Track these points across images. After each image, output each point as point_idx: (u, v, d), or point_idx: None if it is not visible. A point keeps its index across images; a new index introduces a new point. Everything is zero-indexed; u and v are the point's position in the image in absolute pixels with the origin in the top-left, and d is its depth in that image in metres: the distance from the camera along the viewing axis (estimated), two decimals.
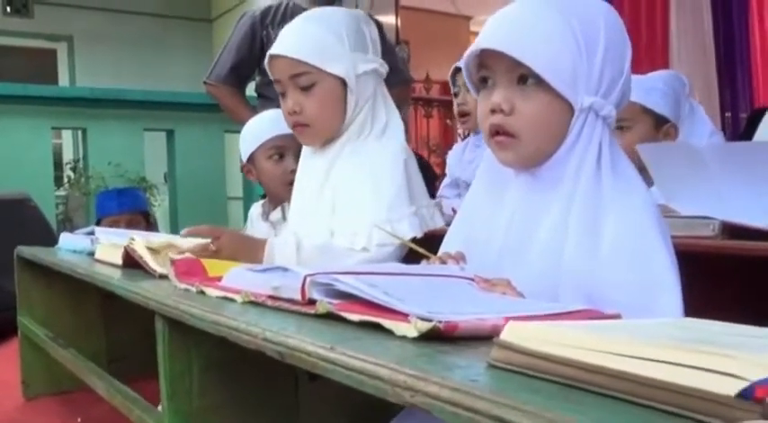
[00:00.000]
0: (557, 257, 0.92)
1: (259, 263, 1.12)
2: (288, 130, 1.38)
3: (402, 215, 1.19)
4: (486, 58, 0.93)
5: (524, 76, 0.90)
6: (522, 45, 0.88)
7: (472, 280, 0.89)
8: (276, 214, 1.59)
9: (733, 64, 5.25)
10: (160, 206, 4.32)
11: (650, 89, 1.72)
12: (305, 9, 2.67)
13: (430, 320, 0.60)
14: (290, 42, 1.32)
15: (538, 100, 0.90)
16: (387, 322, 0.63)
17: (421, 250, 0.96)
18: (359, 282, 0.72)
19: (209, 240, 1.12)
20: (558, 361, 0.45)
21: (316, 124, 1.30)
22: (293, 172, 1.43)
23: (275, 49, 1.33)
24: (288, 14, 2.69)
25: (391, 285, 0.74)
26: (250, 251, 1.15)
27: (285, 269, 0.81)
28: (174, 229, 3.93)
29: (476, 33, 9.13)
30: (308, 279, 0.76)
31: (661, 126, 1.73)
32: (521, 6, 0.92)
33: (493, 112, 0.93)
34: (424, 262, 0.99)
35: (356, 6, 4.57)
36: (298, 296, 0.76)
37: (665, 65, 4.86)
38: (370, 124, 1.29)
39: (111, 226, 2.53)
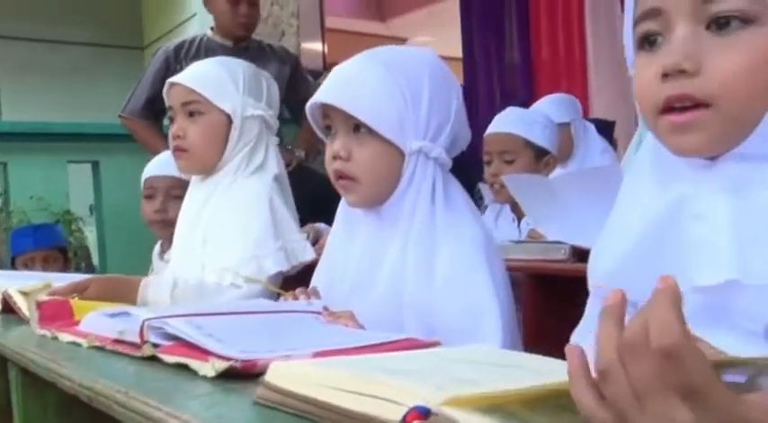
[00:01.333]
0: (399, 290, 1.00)
1: (133, 304, 1.18)
2: (162, 172, 1.46)
3: (268, 251, 1.27)
4: (328, 109, 1.02)
5: (358, 126, 0.99)
6: (352, 99, 0.97)
7: (319, 313, 0.96)
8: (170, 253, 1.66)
9: None
10: (87, 238, 4.28)
11: (532, 123, 1.84)
12: (218, 44, 2.77)
13: (230, 359, 0.67)
14: (189, 74, 1.42)
15: (371, 146, 0.99)
16: (193, 362, 0.69)
17: (274, 288, 1.03)
18: (187, 325, 0.78)
19: (81, 279, 1.18)
20: (298, 398, 0.52)
21: (194, 151, 1.38)
22: (157, 212, 1.54)
23: (175, 77, 1.42)
24: (201, 49, 2.75)
25: (220, 326, 0.81)
26: (124, 293, 1.20)
27: (128, 314, 0.87)
28: (103, 262, 3.91)
29: None
30: (146, 323, 0.81)
31: (542, 158, 1.84)
32: (353, 63, 1.02)
33: (334, 158, 1.01)
34: (282, 298, 1.06)
35: (282, 34, 4.66)
36: (138, 339, 0.82)
37: (584, 83, 5.08)
38: (245, 164, 1.36)
39: (26, 263, 2.53)
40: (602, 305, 0.45)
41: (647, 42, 0.67)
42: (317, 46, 4.58)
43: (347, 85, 0.99)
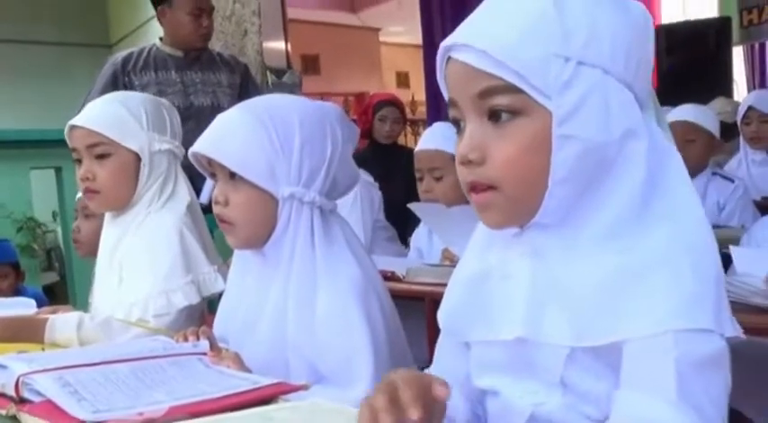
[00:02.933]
0: (282, 331, 1.05)
1: (40, 343, 1.22)
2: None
3: (177, 285, 1.31)
4: (205, 158, 1.07)
5: (233, 173, 1.04)
6: (222, 148, 1.03)
7: (204, 354, 1.01)
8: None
9: None
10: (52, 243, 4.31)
11: (451, 136, 1.88)
12: (168, 54, 2.79)
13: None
14: (90, 115, 1.43)
15: (245, 193, 1.04)
16: None
17: (162, 330, 1.09)
18: (54, 381, 0.83)
19: None
20: None
21: (105, 192, 1.41)
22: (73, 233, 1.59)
23: (75, 120, 1.43)
24: (150, 60, 2.77)
25: (91, 379, 0.86)
26: (29, 333, 1.24)
27: (5, 367, 0.91)
28: (69, 268, 3.94)
29: (385, 44, 9.22)
30: (21, 378, 0.86)
31: None
32: (228, 114, 1.07)
33: (215, 203, 1.07)
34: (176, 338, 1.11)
35: (245, 33, 4.66)
36: (15, 394, 0.87)
37: None
38: (157, 198, 1.40)
39: None
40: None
41: (456, 126, 0.74)
42: (279, 44, 4.60)
43: (219, 136, 1.04)
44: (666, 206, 0.67)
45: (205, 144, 1.04)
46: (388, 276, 1.55)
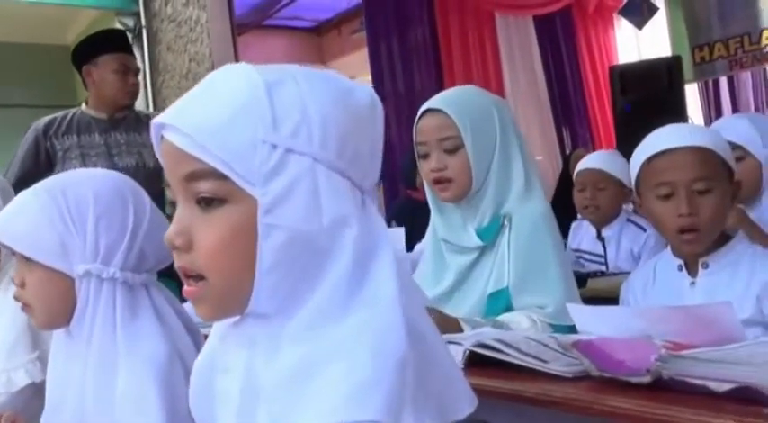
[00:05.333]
0: (82, 412, 1.02)
1: None
2: None
3: (19, 363, 1.29)
4: None
5: (26, 257, 1.02)
6: (9, 230, 1.01)
7: None
8: None
9: (569, 109, 5.56)
10: None
11: None
12: (93, 117, 2.80)
13: None
14: None
15: (37, 273, 1.02)
16: None
17: None
18: None
19: None
20: None
21: None
22: None
23: None
24: (74, 124, 2.78)
25: None
26: None
27: None
28: None
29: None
30: None
31: None
32: (19, 196, 1.05)
33: (17, 285, 1.05)
34: None
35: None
36: None
37: None
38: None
39: None
40: None
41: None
42: None
43: (8, 218, 1.03)
44: (369, 293, 0.65)
45: None
46: None
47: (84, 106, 2.83)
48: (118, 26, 4.89)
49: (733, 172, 1.36)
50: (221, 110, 0.64)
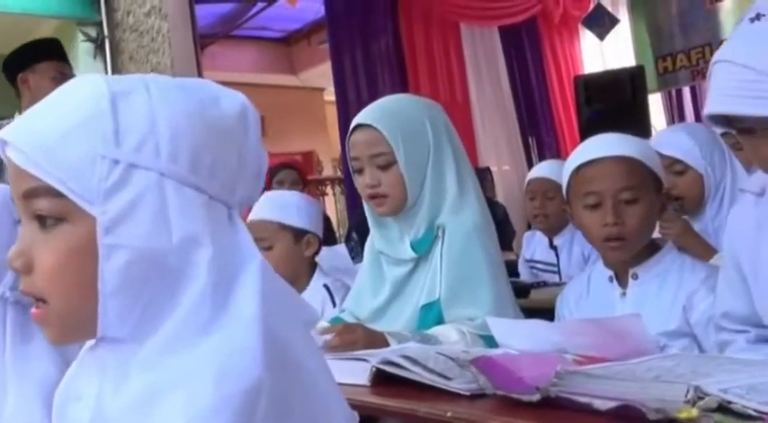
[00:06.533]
0: None
1: None
2: None
3: None
4: None
5: None
6: None
7: None
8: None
9: (535, 118, 5.58)
10: None
11: (285, 205, 1.84)
12: None
13: None
14: None
15: None
16: None
17: None
18: None
19: None
20: None
21: None
22: None
23: None
24: None
25: None
26: None
27: None
28: None
29: (330, 102, 9.23)
30: None
31: (302, 237, 1.84)
32: None
33: None
34: None
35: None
36: None
37: (470, 134, 5.14)
38: None
39: None
40: None
41: None
42: None
43: None
44: (229, 315, 0.61)
45: None
46: None
47: (17, 115, 2.78)
48: (80, 36, 4.83)
49: (662, 183, 1.35)
50: (58, 124, 0.61)
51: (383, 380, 0.94)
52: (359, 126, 1.45)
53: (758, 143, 0.93)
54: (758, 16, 0.89)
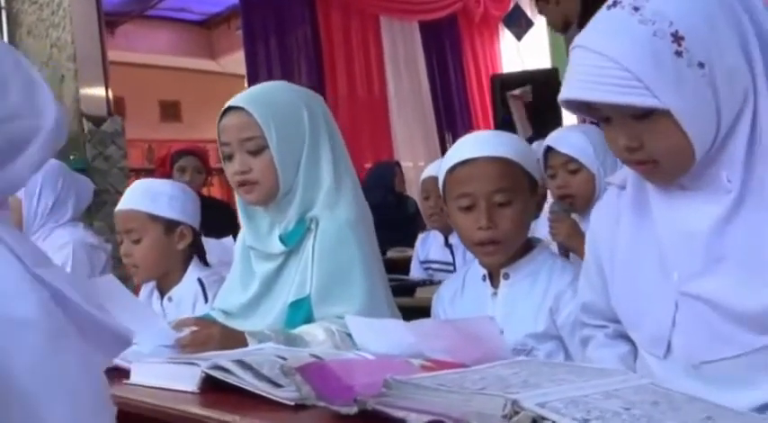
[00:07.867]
0: None
1: None
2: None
3: None
4: None
5: None
6: None
7: None
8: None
9: (453, 115, 5.58)
10: None
11: (156, 195, 1.72)
12: None
13: None
14: None
15: None
16: None
17: None
18: None
19: None
20: None
21: None
22: None
23: None
24: None
25: None
26: None
27: None
28: None
29: None
30: None
31: (174, 229, 1.72)
32: None
33: None
34: None
35: (62, 79, 4.39)
36: None
37: (387, 128, 5.10)
38: None
39: None
40: None
41: None
42: (99, 90, 4.35)
43: None
44: None
45: None
46: None
47: None
48: None
49: (537, 182, 1.32)
50: None
51: (213, 386, 0.86)
52: (229, 110, 1.36)
53: (615, 132, 0.90)
54: (615, 3, 0.86)
